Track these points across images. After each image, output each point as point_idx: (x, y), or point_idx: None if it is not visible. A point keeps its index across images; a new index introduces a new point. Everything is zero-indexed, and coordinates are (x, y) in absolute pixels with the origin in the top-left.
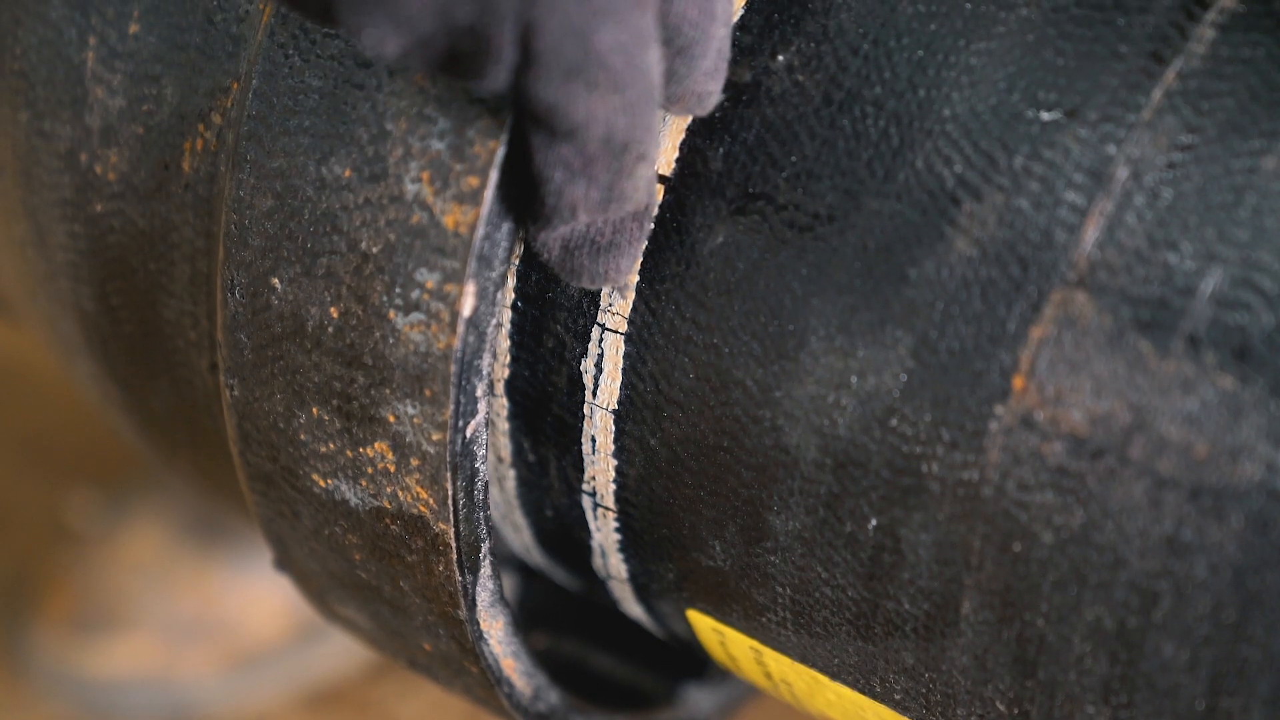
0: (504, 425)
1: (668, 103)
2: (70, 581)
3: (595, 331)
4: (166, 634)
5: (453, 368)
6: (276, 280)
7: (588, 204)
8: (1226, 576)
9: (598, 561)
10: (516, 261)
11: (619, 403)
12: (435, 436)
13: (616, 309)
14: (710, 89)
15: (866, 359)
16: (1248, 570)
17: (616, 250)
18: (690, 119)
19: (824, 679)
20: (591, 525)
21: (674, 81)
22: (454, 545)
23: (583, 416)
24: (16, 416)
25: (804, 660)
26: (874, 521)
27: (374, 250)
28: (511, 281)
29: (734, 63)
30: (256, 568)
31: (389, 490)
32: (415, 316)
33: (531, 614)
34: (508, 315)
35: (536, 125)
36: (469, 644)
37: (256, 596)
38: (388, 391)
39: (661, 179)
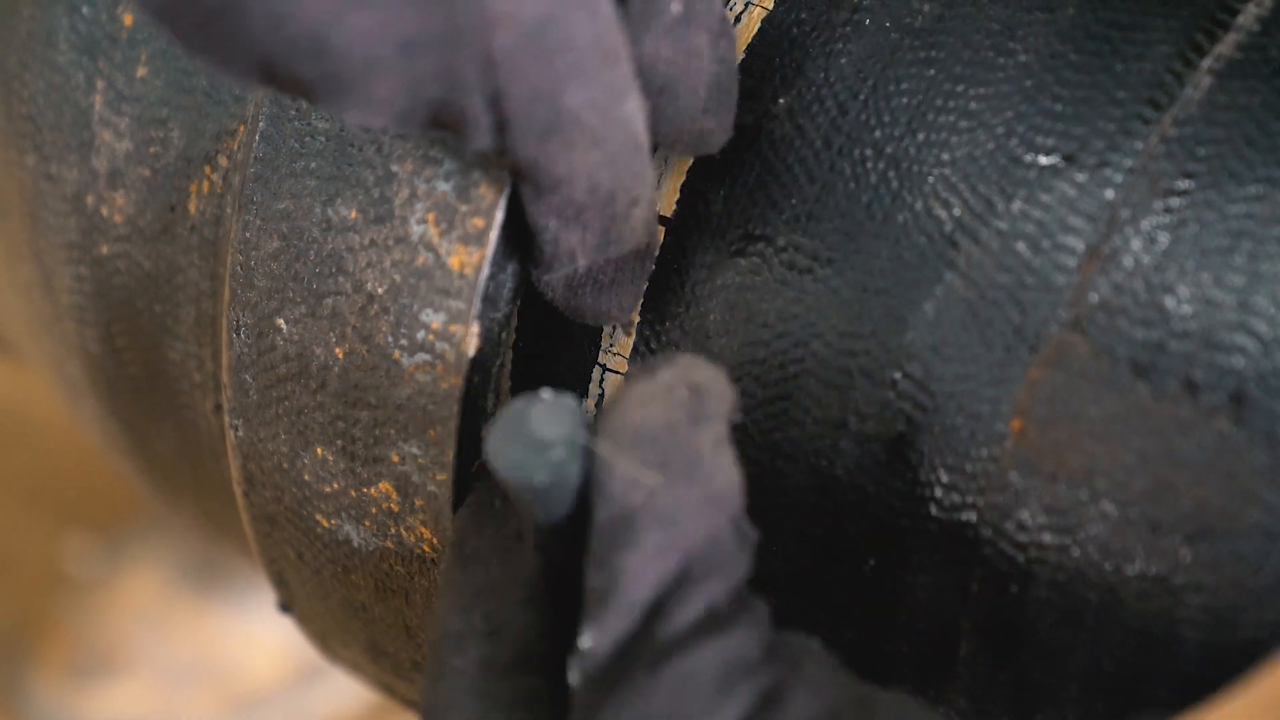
0: None
1: (667, 143)
2: (69, 627)
3: (596, 372)
4: (165, 678)
5: (457, 408)
6: (282, 321)
7: (585, 249)
8: (1222, 618)
9: None
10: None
11: None
12: (439, 477)
13: (617, 349)
14: (709, 126)
15: (864, 401)
16: (1242, 612)
17: (619, 288)
18: (691, 160)
19: None
20: None
21: (663, 121)
22: None
23: None
24: (17, 460)
25: None
26: (871, 562)
27: (379, 291)
28: (513, 321)
29: (739, 108)
30: (255, 610)
31: (393, 531)
32: (420, 357)
33: None
34: (509, 355)
35: (523, 180)
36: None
37: (255, 639)
38: (392, 432)
39: (662, 220)
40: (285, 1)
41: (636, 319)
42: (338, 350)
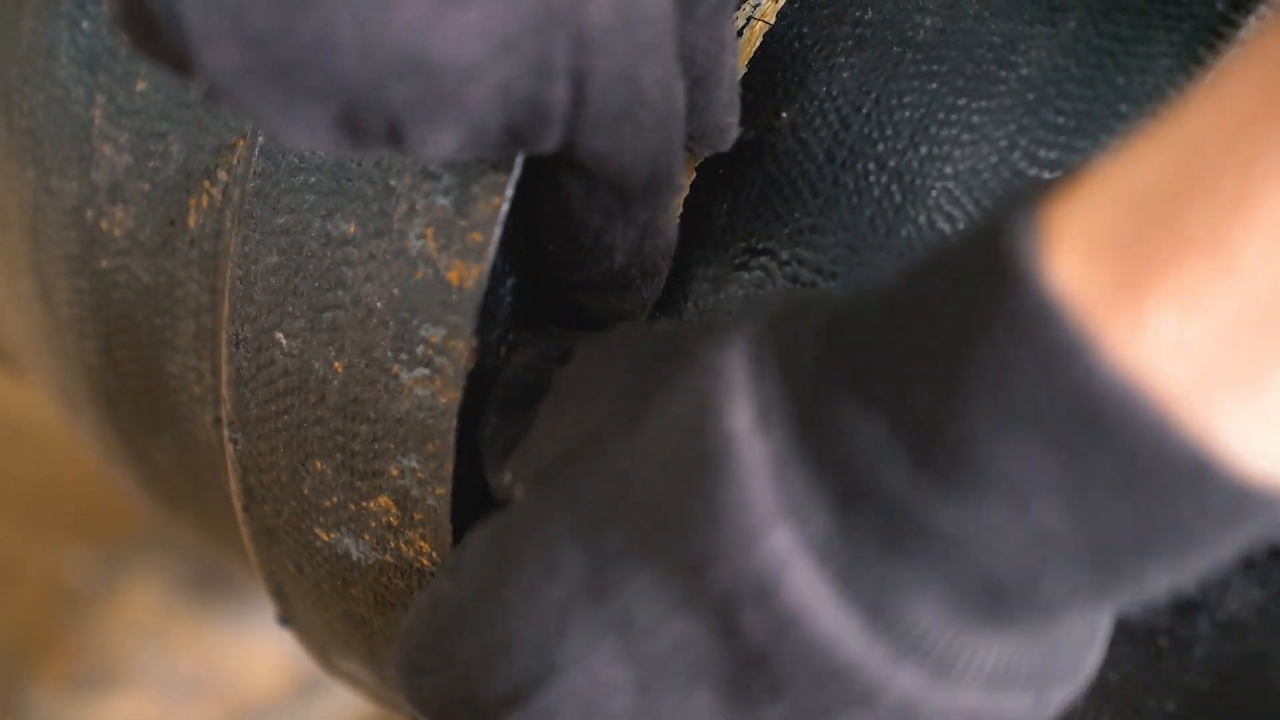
0: None
1: (690, 141)
2: (69, 640)
3: None
4: (165, 691)
5: (456, 423)
6: (281, 335)
7: (624, 245)
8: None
9: None
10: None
11: None
12: (439, 491)
13: None
14: (729, 120)
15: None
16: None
17: (643, 286)
18: (694, 174)
19: None
20: None
21: (694, 115)
22: None
23: None
24: (17, 473)
25: None
26: None
27: (378, 305)
28: (512, 335)
29: (742, 122)
30: (255, 623)
31: (392, 544)
32: (419, 371)
33: None
34: None
35: (578, 175)
36: None
37: (255, 652)
38: (391, 446)
39: None
40: (375, 21)
41: None
42: (337, 364)
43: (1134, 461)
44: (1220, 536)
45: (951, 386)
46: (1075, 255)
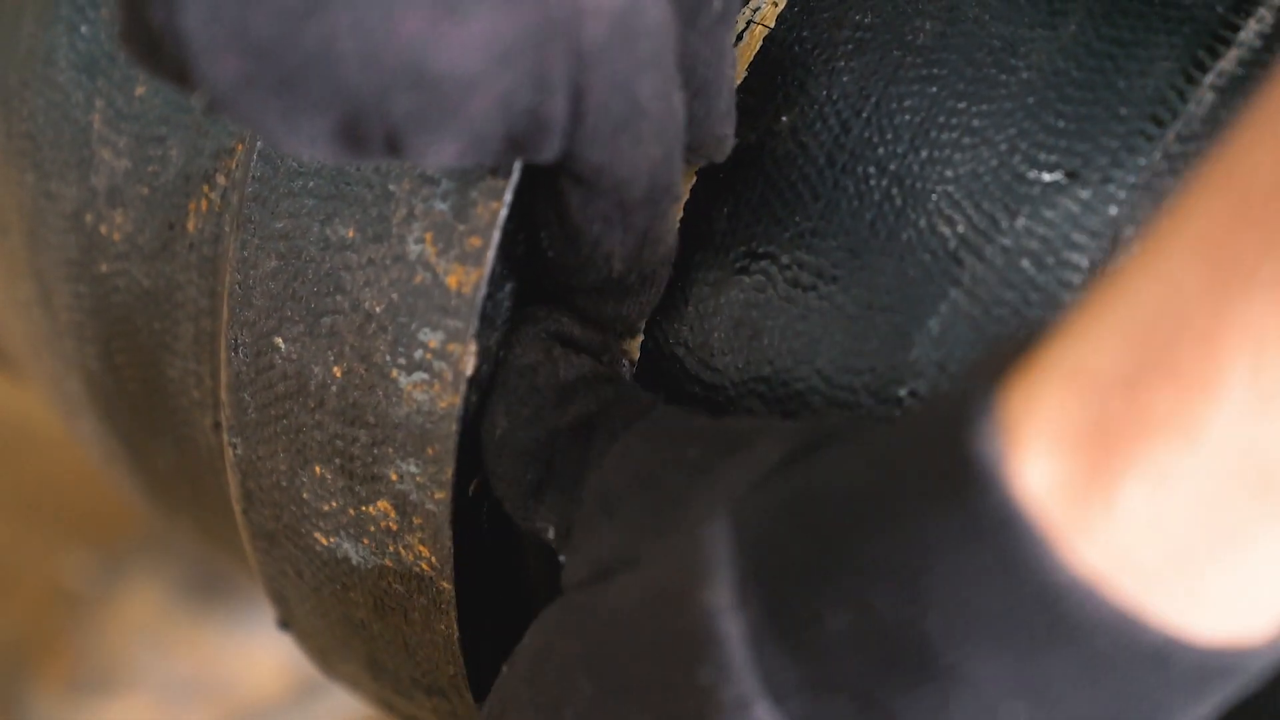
0: None
1: (688, 151)
2: (68, 643)
3: None
4: (164, 694)
5: (455, 427)
6: (280, 340)
7: (623, 253)
8: None
9: None
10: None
11: None
12: (438, 495)
13: (628, 355)
14: (727, 131)
15: (869, 418)
16: None
17: (643, 293)
18: (694, 178)
19: None
20: None
21: (694, 126)
22: (455, 603)
23: None
24: (17, 476)
25: None
26: None
27: (377, 310)
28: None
29: (740, 127)
30: (254, 626)
31: (391, 549)
32: (418, 376)
33: None
34: None
35: (577, 184)
36: (472, 703)
37: (255, 655)
38: (390, 450)
39: None
40: (378, 33)
41: (640, 338)
42: (336, 369)
43: (1097, 658)
44: (1187, 706)
45: (913, 591)
46: (1039, 449)
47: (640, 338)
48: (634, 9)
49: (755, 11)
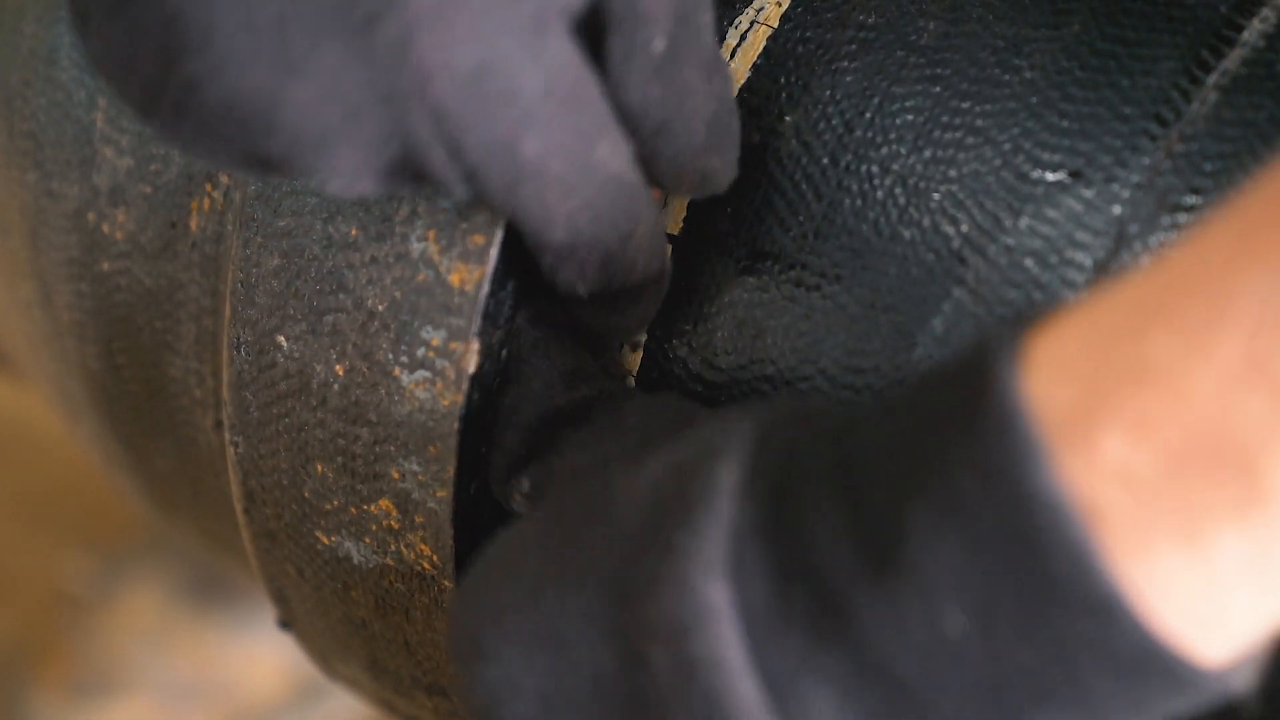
0: None
1: (670, 185)
2: (69, 645)
3: None
4: (165, 696)
5: (457, 425)
6: (282, 338)
7: (585, 282)
8: None
9: None
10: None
11: None
12: (440, 494)
13: (626, 367)
14: (713, 165)
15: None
16: None
17: (631, 309)
18: None
19: None
20: None
21: (663, 163)
22: None
23: None
24: (17, 478)
25: None
26: None
27: (380, 308)
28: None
29: (744, 127)
30: (255, 628)
31: (393, 547)
32: (420, 374)
33: None
34: None
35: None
36: None
37: (255, 656)
38: (392, 449)
39: (669, 238)
40: (232, 80)
41: (644, 337)
42: (338, 367)
43: (1046, 584)
44: (1118, 698)
45: (906, 485)
46: (1045, 375)
47: (641, 348)
48: (485, 71)
49: (759, 11)
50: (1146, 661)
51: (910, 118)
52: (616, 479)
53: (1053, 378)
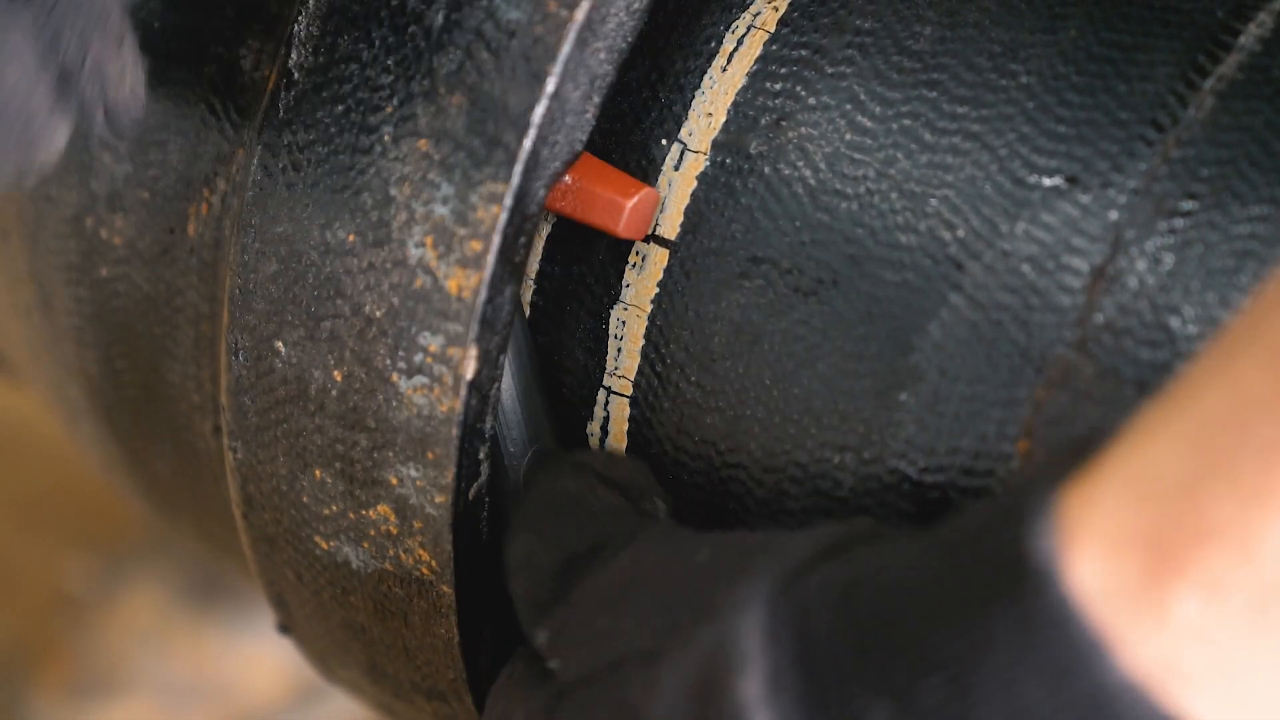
0: None
1: None
2: (68, 647)
3: (600, 395)
4: (165, 698)
5: (455, 431)
6: (280, 344)
7: None
8: None
9: None
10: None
11: None
12: (438, 499)
13: (622, 372)
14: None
15: (870, 422)
16: None
17: None
18: (695, 183)
19: None
20: None
21: None
22: (456, 607)
23: None
24: (17, 480)
25: None
26: None
27: (377, 314)
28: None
29: (742, 132)
30: (254, 630)
31: (391, 553)
32: (418, 380)
33: None
34: None
35: None
36: (472, 707)
37: (255, 659)
38: (390, 454)
39: (666, 243)
40: None
41: (641, 341)
42: (336, 373)
43: None
44: None
45: (962, 688)
46: (1096, 551)
47: (637, 357)
48: None
49: (756, 16)
50: None
51: (907, 122)
52: (636, 685)
53: (1107, 551)
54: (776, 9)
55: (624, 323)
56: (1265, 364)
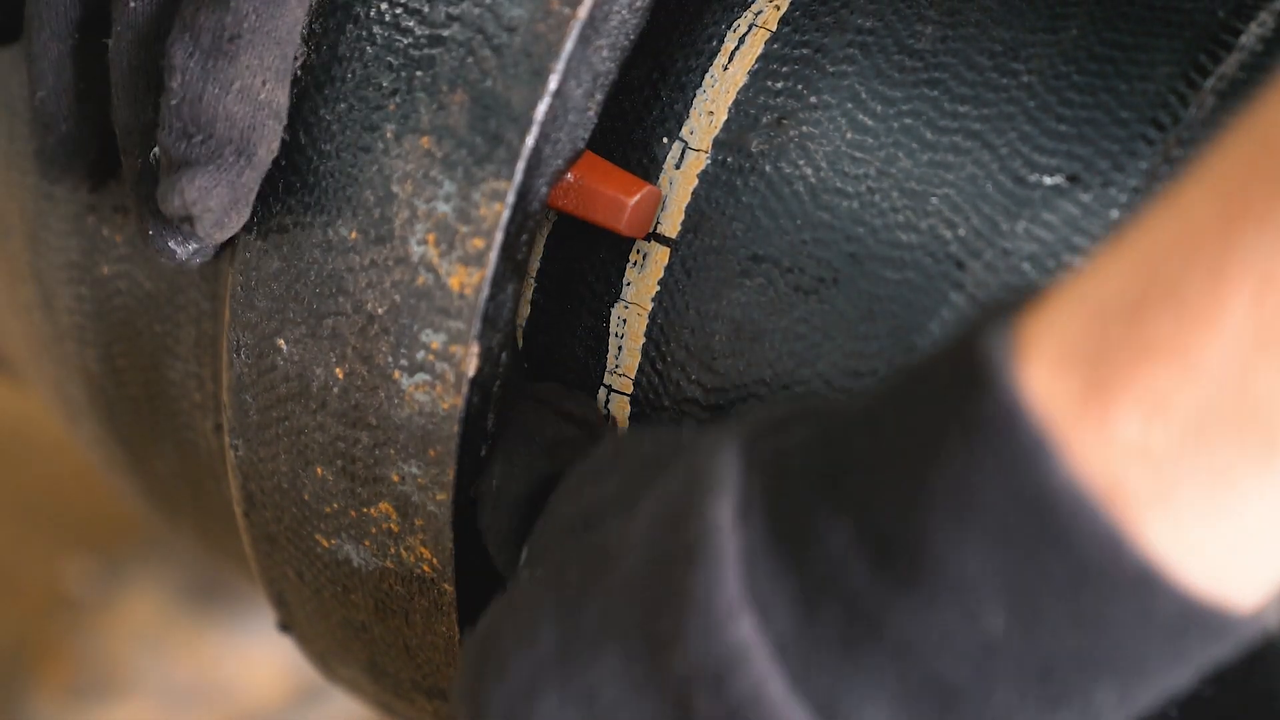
0: None
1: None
2: (68, 647)
3: (601, 393)
4: (165, 699)
5: (457, 428)
6: (282, 341)
7: None
8: None
9: None
10: (523, 323)
11: None
12: (439, 497)
13: (623, 370)
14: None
15: None
16: None
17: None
18: (696, 181)
19: None
20: None
21: None
22: (457, 605)
23: None
24: (17, 481)
25: None
26: None
27: (379, 312)
28: (516, 342)
29: (744, 131)
30: (254, 630)
31: (393, 550)
32: (420, 377)
33: None
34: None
35: None
36: None
37: (255, 659)
38: (392, 452)
39: (667, 241)
40: None
41: (642, 339)
42: (338, 370)
43: (1082, 571)
44: (1166, 658)
45: (914, 490)
46: (1045, 364)
47: (638, 355)
48: None
49: (757, 15)
50: (1188, 621)
51: (908, 122)
52: (611, 531)
53: (1054, 365)
54: (778, 7)
55: (625, 321)
56: (1211, 193)
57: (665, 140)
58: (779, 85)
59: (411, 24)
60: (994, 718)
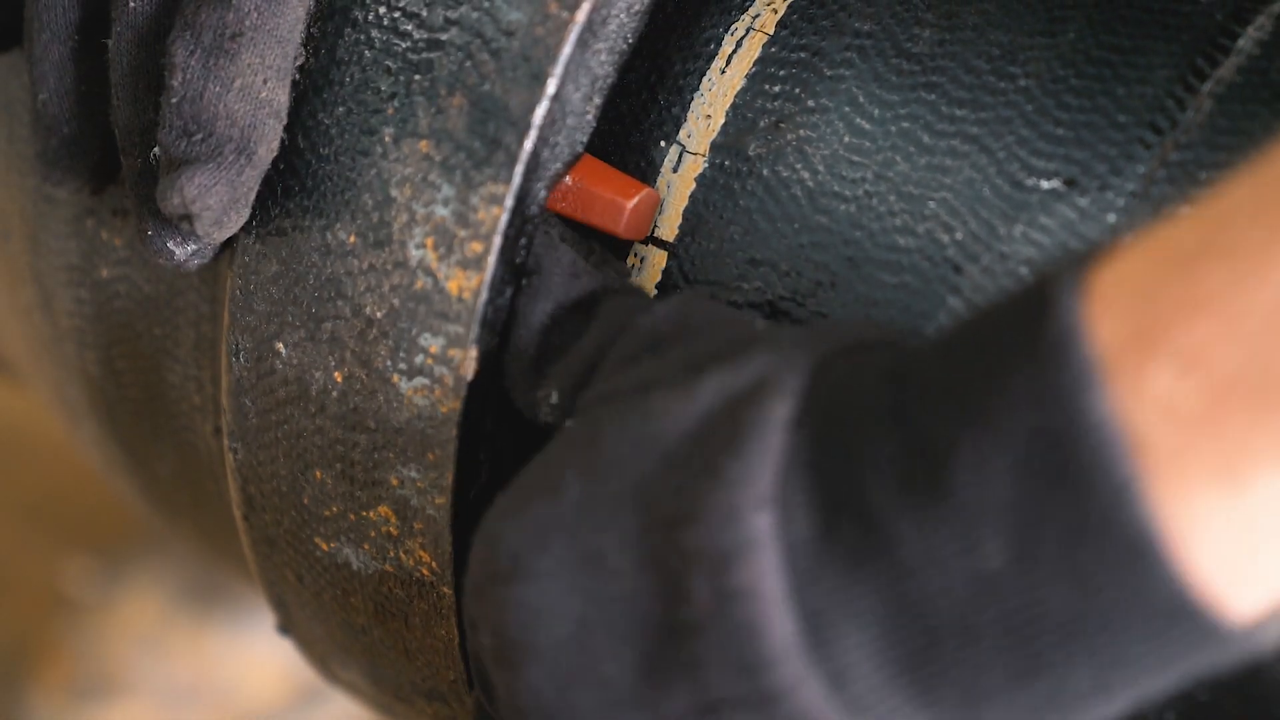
0: None
1: None
2: (68, 648)
3: None
4: (165, 700)
5: (456, 432)
6: (281, 345)
7: None
8: None
9: None
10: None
11: None
12: (438, 500)
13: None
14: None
15: None
16: None
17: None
18: (693, 185)
19: None
20: None
21: None
22: (456, 608)
23: None
24: (17, 481)
25: None
26: None
27: (378, 315)
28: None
29: (741, 134)
30: (254, 631)
31: (392, 554)
32: (419, 381)
33: None
34: None
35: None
36: (472, 709)
37: (255, 660)
38: (391, 455)
39: (665, 245)
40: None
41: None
42: (336, 374)
43: (1085, 519)
44: (1148, 653)
45: (958, 405)
46: (1105, 304)
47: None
48: None
49: (755, 18)
50: (1176, 610)
51: (906, 125)
52: (664, 403)
53: (1109, 308)
54: (775, 11)
55: None
56: None
57: (663, 144)
58: (776, 89)
59: (410, 28)
60: (968, 678)
